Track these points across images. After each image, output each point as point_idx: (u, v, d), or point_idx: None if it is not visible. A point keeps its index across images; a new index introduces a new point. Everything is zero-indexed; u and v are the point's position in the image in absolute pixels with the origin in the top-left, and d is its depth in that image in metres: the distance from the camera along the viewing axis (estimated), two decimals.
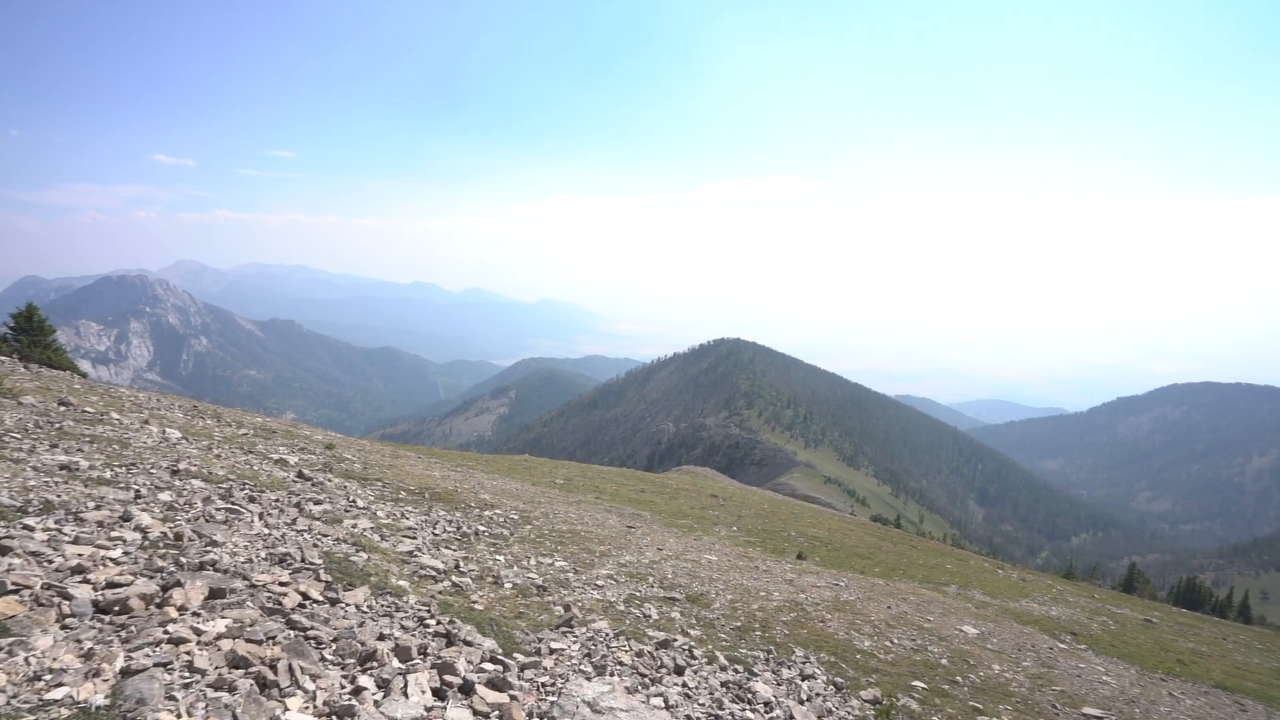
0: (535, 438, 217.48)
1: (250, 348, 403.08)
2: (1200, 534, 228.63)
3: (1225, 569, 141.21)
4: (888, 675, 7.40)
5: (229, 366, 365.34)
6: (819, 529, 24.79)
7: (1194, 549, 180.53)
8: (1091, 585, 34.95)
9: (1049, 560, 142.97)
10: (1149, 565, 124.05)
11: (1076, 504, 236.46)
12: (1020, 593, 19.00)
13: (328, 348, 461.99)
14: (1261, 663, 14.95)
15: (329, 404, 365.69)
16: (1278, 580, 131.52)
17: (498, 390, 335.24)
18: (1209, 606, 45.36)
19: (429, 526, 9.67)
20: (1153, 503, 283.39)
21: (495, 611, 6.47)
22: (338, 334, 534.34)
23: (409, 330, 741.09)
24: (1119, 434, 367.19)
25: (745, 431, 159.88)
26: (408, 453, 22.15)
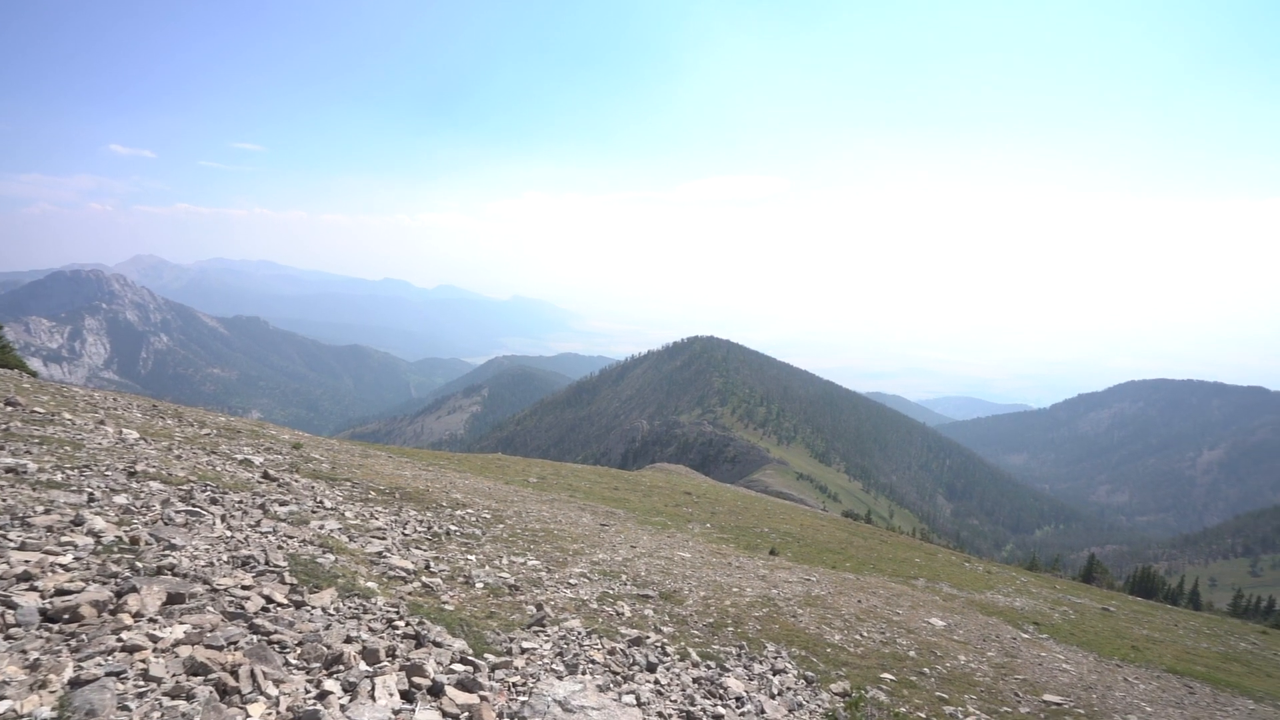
0: (508, 436, 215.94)
1: (214, 345, 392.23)
2: (1155, 525, 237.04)
3: (1177, 558, 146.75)
4: (857, 668, 7.51)
5: (191, 365, 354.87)
6: (791, 525, 25.08)
7: (1149, 540, 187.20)
8: (1053, 576, 36.01)
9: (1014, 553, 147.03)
10: (1107, 556, 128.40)
11: (1040, 498, 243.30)
12: (986, 585, 19.47)
13: (295, 345, 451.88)
14: (1209, 647, 15.57)
15: (297, 403, 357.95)
16: (1225, 568, 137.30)
17: (470, 388, 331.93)
18: (1162, 594, 47.12)
19: (399, 527, 9.52)
20: (1111, 495, 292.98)
21: (466, 612, 6.40)
22: (306, 331, 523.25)
23: (380, 328, 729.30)
24: (1080, 429, 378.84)
25: (719, 429, 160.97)
26: (378, 452, 21.79)
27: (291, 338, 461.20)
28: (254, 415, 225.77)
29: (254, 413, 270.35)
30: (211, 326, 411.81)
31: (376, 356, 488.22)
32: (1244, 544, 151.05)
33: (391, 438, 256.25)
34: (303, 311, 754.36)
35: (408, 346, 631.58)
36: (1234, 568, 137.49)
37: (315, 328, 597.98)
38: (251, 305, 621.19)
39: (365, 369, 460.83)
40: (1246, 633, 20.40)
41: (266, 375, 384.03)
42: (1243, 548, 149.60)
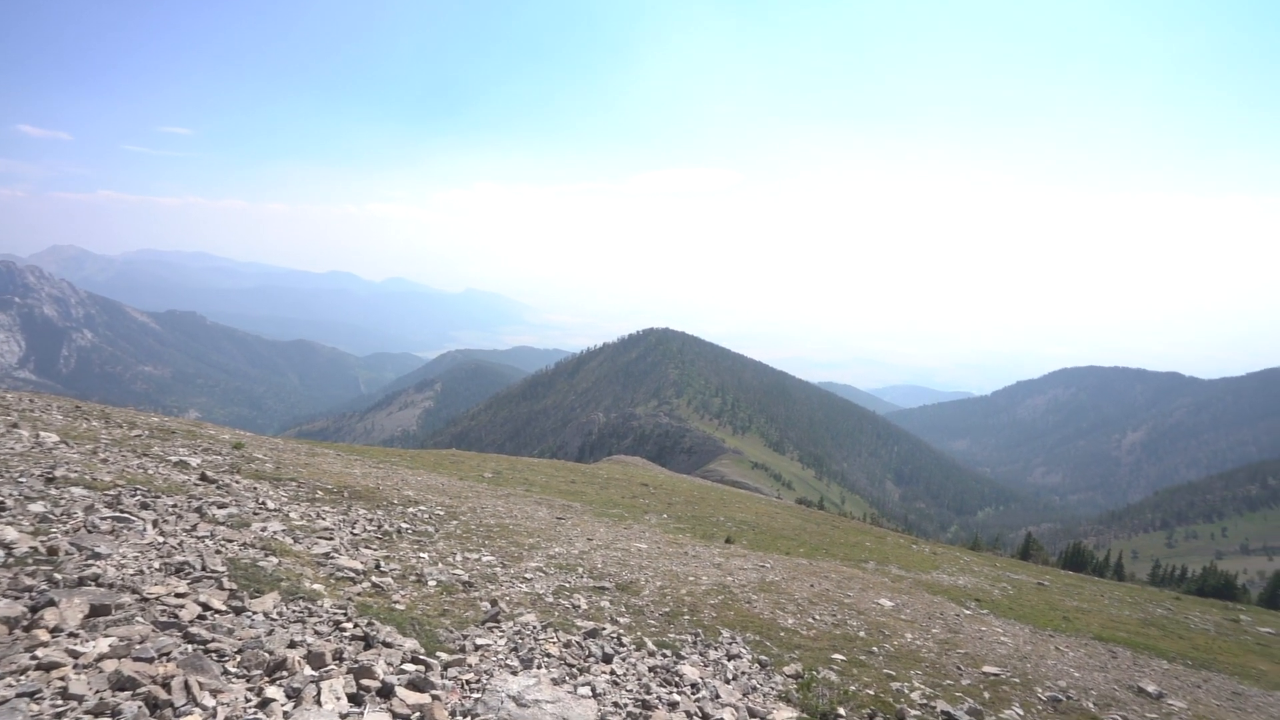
0: (463, 431, 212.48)
1: (145, 342, 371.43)
2: (1085, 503, 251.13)
3: (1104, 533, 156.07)
4: (809, 650, 7.70)
5: (120, 363, 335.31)
6: (746, 513, 25.50)
7: (1080, 517, 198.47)
8: (994, 555, 37.77)
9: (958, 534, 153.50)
10: (1043, 534, 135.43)
11: (981, 481, 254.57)
12: (932, 565, 20.24)
13: (235, 341, 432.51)
14: (1130, 614, 16.61)
15: (238, 401, 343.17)
16: (1145, 541, 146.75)
17: (422, 383, 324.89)
18: (1091, 568, 50.01)
19: (347, 526, 9.25)
20: (1046, 477, 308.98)
21: (418, 610, 6.26)
22: (247, 326, 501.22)
23: (326, 322, 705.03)
24: (1018, 415, 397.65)
25: (675, 420, 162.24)
26: (326, 450, 21.09)
27: (231, 333, 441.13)
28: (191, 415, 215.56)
29: (191, 412, 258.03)
30: (142, 322, 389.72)
31: (323, 352, 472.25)
32: (1161, 518, 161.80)
33: (341, 435, 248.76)
34: (243, 305, 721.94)
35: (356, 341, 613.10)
36: (1153, 540, 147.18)
37: (257, 322, 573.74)
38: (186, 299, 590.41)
39: (311, 365, 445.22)
40: (1163, 600, 21.85)
41: (204, 373, 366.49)
42: (1160, 521, 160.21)
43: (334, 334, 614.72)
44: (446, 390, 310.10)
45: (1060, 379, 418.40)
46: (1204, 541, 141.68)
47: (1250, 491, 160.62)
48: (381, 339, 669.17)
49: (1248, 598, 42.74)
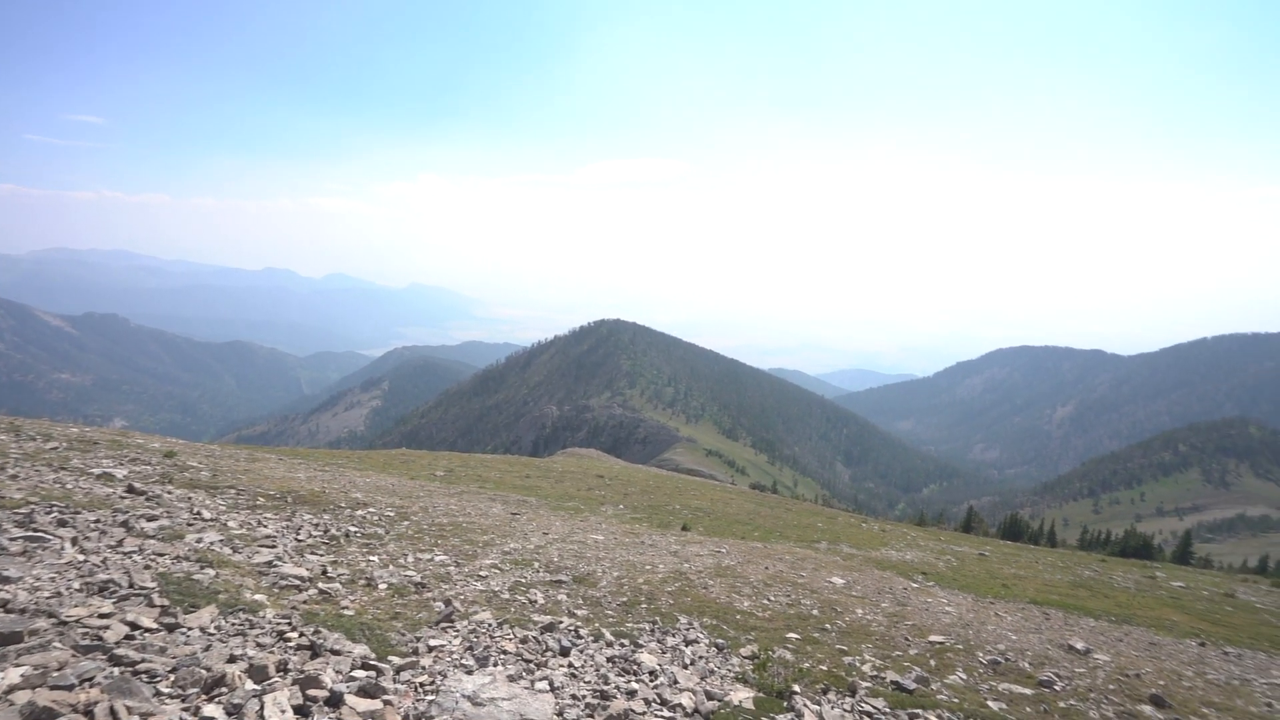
0: (413, 430, 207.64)
1: (60, 347, 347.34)
2: (1021, 476, 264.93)
3: (1039, 504, 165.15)
4: (765, 631, 7.86)
5: (31, 370, 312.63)
6: (702, 500, 25.83)
7: (1016, 489, 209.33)
8: (938, 529, 39.45)
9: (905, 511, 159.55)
10: (983, 507, 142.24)
11: (926, 459, 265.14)
12: (881, 542, 20.97)
13: (164, 344, 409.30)
14: (1061, 578, 17.65)
15: (169, 408, 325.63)
16: (1075, 508, 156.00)
17: (369, 382, 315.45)
18: (1027, 537, 52.88)
19: (291, 533, 8.89)
20: (985, 452, 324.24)
21: (368, 615, 6.09)
22: (176, 328, 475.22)
23: (263, 321, 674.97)
24: (958, 395, 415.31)
25: (629, 411, 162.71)
26: (267, 455, 20.24)
27: (159, 335, 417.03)
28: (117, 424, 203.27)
29: (117, 421, 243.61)
30: (56, 326, 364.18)
31: (261, 353, 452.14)
32: (1088, 487, 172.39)
33: (283, 439, 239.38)
34: (170, 306, 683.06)
35: (297, 340, 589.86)
36: (1081, 508, 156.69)
37: (187, 323, 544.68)
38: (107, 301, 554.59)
39: (249, 367, 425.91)
40: (1090, 563, 23.30)
41: (130, 379, 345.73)
42: (1088, 490, 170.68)
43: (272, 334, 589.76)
44: (394, 389, 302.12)
45: (996, 359, 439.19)
46: (1125, 506, 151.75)
47: (1164, 458, 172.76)
48: (324, 338, 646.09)
49: (1163, 556, 46.08)
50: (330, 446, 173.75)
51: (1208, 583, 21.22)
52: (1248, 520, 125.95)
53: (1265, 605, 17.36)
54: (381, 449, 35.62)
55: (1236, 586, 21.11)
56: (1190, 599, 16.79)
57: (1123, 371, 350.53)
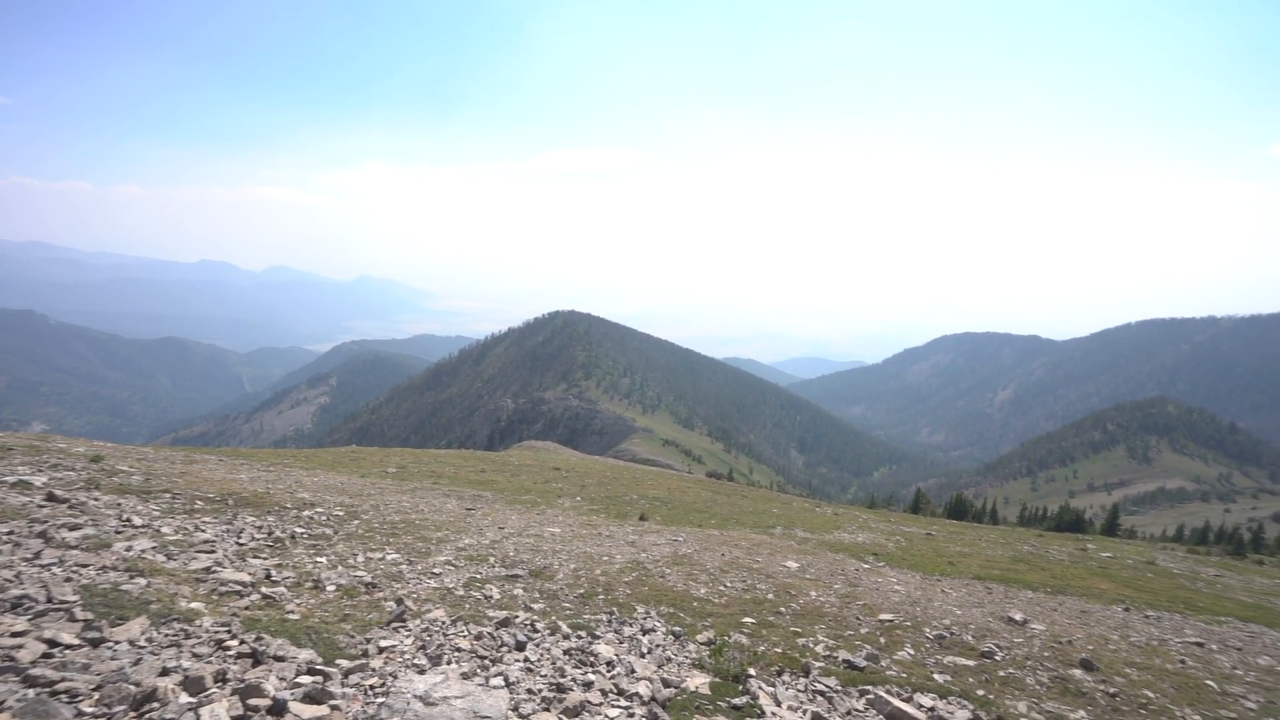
0: (363, 426, 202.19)
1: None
2: (965, 458, 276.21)
3: (982, 483, 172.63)
4: (721, 617, 7.96)
5: None
6: (659, 490, 25.98)
7: (961, 470, 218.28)
8: (888, 511, 40.78)
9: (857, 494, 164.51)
10: (930, 488, 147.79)
11: (876, 443, 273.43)
12: (834, 526, 21.53)
13: (88, 342, 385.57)
14: (1003, 554, 18.50)
15: (96, 409, 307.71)
16: (1015, 487, 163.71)
17: (316, 378, 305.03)
18: (971, 516, 55.21)
19: (232, 536, 8.52)
20: (932, 436, 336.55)
21: (315, 618, 5.88)
22: (102, 325, 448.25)
23: (200, 317, 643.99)
24: (906, 381, 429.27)
25: (585, 402, 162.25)
26: (206, 456, 19.35)
27: (82, 333, 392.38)
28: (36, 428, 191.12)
29: (36, 425, 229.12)
30: None
31: (198, 349, 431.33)
32: (1027, 466, 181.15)
33: (224, 439, 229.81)
34: (95, 302, 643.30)
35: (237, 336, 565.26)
36: (1021, 486, 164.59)
37: (114, 320, 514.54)
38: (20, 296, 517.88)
39: (185, 364, 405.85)
40: (1028, 538, 24.51)
41: (50, 379, 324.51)
42: (1026, 469, 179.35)
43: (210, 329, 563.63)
44: (343, 384, 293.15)
45: (941, 345, 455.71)
46: (1060, 483, 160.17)
47: (1094, 437, 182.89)
48: (266, 333, 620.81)
49: (1093, 529, 48.85)
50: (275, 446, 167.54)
51: (1132, 552, 22.61)
52: (1167, 493, 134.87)
53: (1181, 570, 18.62)
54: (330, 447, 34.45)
55: (1157, 555, 22.57)
56: (1117, 568, 17.85)
57: (1057, 356, 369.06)
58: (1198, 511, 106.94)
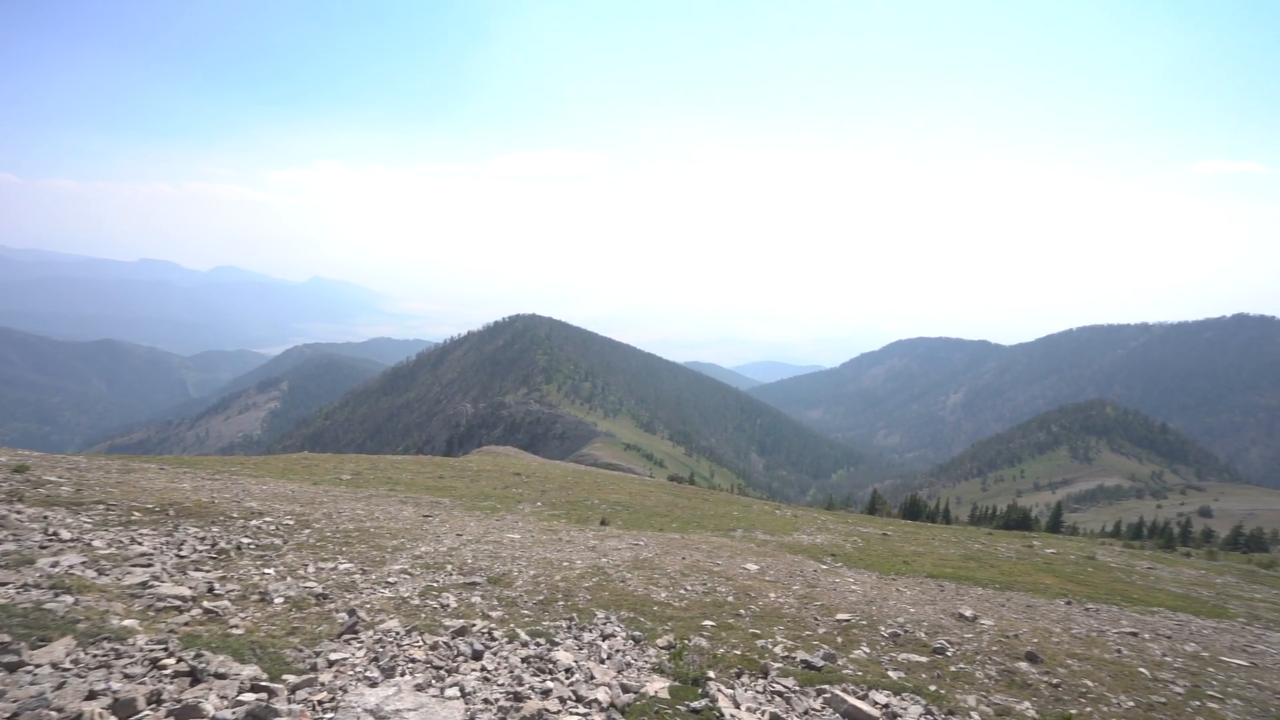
0: (316, 432, 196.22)
1: None
2: (919, 459, 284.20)
3: (935, 484, 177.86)
4: (681, 620, 7.97)
5: None
6: (620, 494, 25.92)
7: (916, 471, 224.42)
8: (846, 512, 41.64)
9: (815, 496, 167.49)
10: (886, 489, 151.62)
11: (834, 446, 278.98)
12: (793, 527, 21.83)
13: (12, 343, 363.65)
14: (955, 552, 19.07)
15: (22, 416, 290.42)
16: (966, 487, 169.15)
17: (266, 382, 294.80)
18: (925, 515, 56.83)
19: (172, 549, 8.13)
20: (888, 438, 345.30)
21: (261, 632, 5.65)
22: (29, 326, 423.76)
23: (140, 318, 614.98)
24: (863, 384, 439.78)
25: (546, 407, 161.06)
26: (145, 465, 18.45)
27: (6, 334, 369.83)
28: None
29: None
30: None
31: (138, 353, 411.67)
32: (977, 467, 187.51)
33: (167, 447, 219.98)
34: (21, 301, 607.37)
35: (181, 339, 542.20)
36: (972, 486, 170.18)
37: (44, 321, 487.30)
38: None
39: (123, 368, 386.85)
40: (979, 536, 25.34)
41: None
42: (977, 470, 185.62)
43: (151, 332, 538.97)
44: (295, 389, 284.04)
45: (896, 350, 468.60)
46: (1008, 483, 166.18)
47: (1039, 438, 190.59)
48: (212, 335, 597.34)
49: (1039, 526, 50.91)
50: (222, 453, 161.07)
51: (1074, 548, 23.60)
52: (1105, 490, 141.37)
53: (1118, 564, 19.51)
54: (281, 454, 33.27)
55: (1096, 550, 23.62)
56: (1060, 563, 18.60)
57: (1005, 360, 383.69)
58: (1133, 508, 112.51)
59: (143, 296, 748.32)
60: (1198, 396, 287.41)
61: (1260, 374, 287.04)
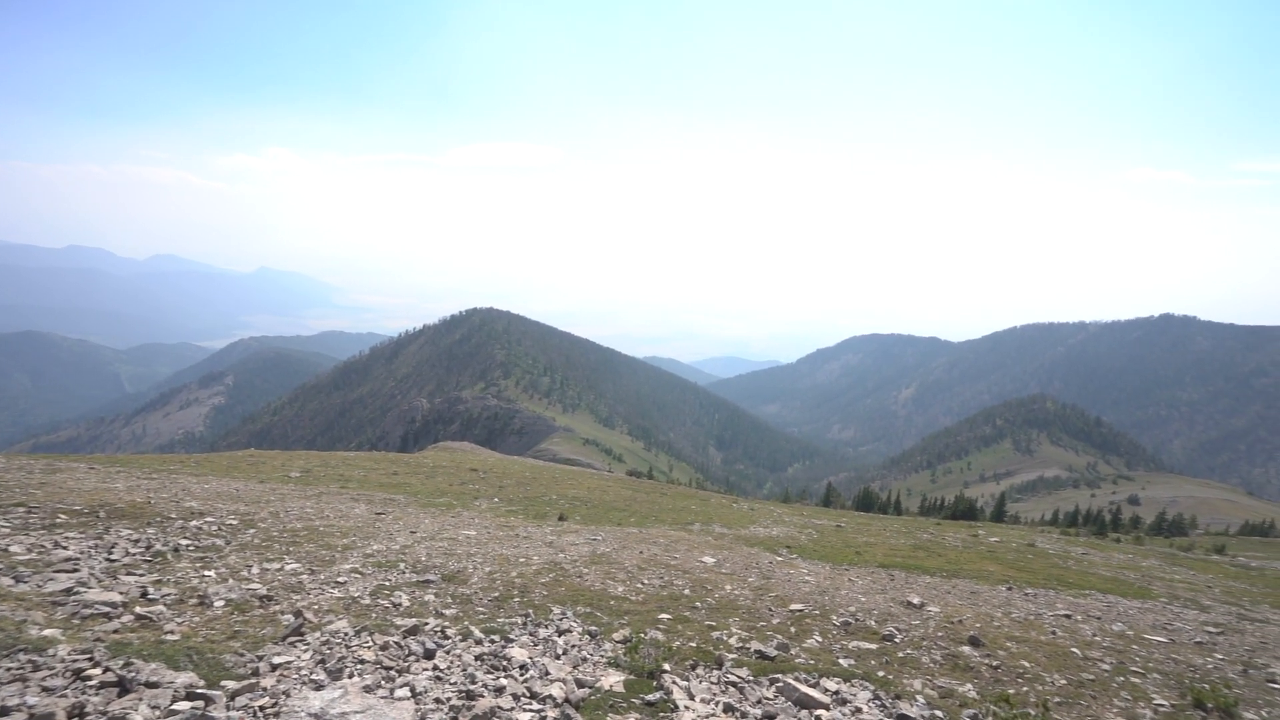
0: (264, 429, 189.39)
1: None
2: (872, 453, 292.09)
3: (887, 476, 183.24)
4: (638, 614, 7.99)
5: None
6: (579, 489, 25.83)
7: (869, 464, 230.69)
8: (801, 505, 42.51)
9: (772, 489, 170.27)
10: (841, 482, 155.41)
11: (790, 440, 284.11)
12: (750, 520, 22.14)
13: None
14: (905, 542, 19.68)
15: None
16: (917, 479, 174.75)
17: (209, 377, 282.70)
18: (877, 507, 58.50)
19: (102, 552, 7.72)
20: (842, 432, 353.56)
21: (199, 637, 5.41)
22: None
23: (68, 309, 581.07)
24: (818, 379, 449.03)
25: (503, 402, 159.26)
26: (74, 464, 17.46)
27: None
28: None
29: None
30: None
31: (66, 345, 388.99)
32: (927, 459, 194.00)
33: (99, 445, 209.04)
34: None
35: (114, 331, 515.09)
36: (922, 478, 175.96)
37: None
38: None
39: (50, 362, 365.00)
40: (928, 526, 26.23)
41: None
42: (926, 462, 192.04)
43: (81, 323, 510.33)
44: (240, 383, 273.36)
45: (850, 346, 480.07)
46: (956, 475, 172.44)
47: (985, 431, 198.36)
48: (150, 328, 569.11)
49: (984, 516, 53.03)
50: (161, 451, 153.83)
51: (1016, 536, 24.66)
52: (1045, 481, 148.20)
53: (1055, 551, 20.48)
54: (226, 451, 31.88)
55: (1036, 537, 24.74)
56: (1003, 551, 19.40)
57: (954, 356, 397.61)
58: (1070, 497, 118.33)
59: (71, 285, 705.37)
60: (1128, 391, 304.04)
61: (1183, 371, 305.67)
